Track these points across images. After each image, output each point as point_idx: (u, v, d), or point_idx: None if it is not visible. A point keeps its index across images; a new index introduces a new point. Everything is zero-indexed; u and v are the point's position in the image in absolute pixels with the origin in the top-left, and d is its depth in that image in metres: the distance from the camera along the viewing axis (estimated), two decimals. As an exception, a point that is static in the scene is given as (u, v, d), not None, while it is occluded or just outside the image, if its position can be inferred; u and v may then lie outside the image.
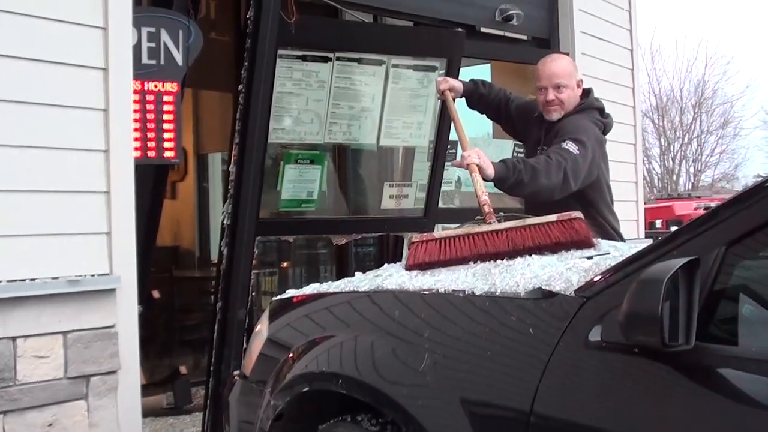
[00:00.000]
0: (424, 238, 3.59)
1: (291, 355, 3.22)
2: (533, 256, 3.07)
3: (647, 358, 2.15)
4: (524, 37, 7.29)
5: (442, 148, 6.51)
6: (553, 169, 4.28)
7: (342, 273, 7.91)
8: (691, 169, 42.42)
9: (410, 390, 2.70)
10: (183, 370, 7.11)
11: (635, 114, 8.35)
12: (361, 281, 3.28)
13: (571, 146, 4.40)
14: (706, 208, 22.39)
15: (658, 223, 22.96)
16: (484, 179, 4.18)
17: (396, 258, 6.81)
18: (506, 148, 7.19)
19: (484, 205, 3.99)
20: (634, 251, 2.56)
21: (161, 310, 7.51)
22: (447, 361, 2.65)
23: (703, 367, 2.11)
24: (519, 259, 2.86)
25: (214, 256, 8.89)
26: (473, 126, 6.44)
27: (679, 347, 2.06)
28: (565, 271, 2.56)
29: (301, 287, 3.66)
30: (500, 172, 4.21)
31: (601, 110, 4.88)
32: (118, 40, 4.50)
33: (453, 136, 6.57)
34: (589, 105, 4.83)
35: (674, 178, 41.40)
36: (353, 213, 7.13)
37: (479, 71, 7.62)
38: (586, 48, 7.49)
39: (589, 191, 4.62)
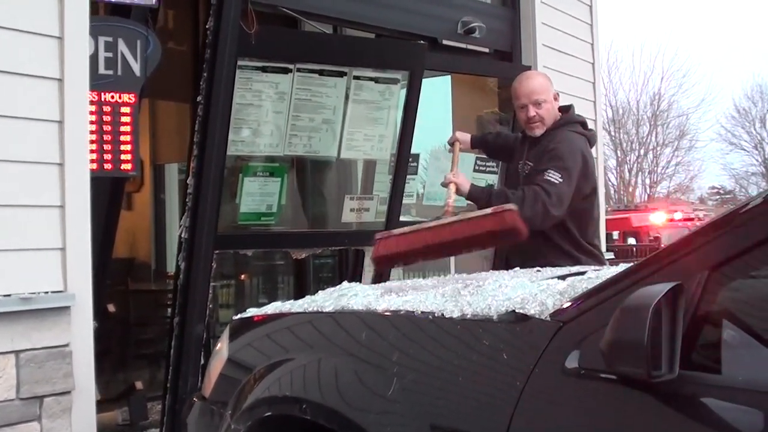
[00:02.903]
0: (384, 235, 4.37)
1: (252, 376, 3.13)
2: (504, 277, 3.01)
3: (627, 387, 2.07)
4: (486, 50, 7.28)
5: (403, 161, 6.46)
6: (528, 201, 4.53)
7: (300, 285, 7.84)
8: (647, 181, 42.80)
9: (378, 416, 2.61)
10: (139, 385, 6.97)
11: (596, 127, 8.33)
12: (325, 300, 3.18)
13: (552, 175, 4.62)
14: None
15: (615, 234, 23.08)
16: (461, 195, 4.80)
17: (356, 271, 6.75)
18: (467, 160, 7.15)
19: (447, 206, 4.57)
20: (610, 273, 2.49)
21: (116, 324, 7.38)
22: (416, 386, 2.56)
23: (686, 396, 2.03)
24: (490, 280, 2.78)
25: (170, 269, 8.76)
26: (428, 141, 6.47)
27: (663, 377, 1.98)
28: (539, 294, 2.48)
29: (259, 299, 3.60)
30: (473, 192, 4.82)
31: (582, 123, 5.07)
32: (75, 50, 4.40)
33: (414, 149, 6.56)
34: (571, 119, 5.02)
35: (630, 189, 41.71)
36: (313, 226, 7.07)
37: (439, 83, 7.61)
38: (548, 61, 7.47)
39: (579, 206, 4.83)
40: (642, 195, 41.45)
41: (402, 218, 6.77)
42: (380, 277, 6.30)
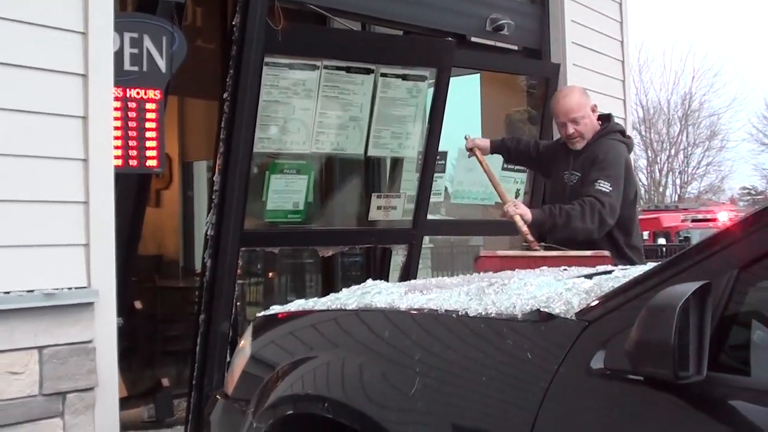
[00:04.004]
0: (488, 254, 4.70)
1: (275, 374, 3.09)
2: (529, 275, 2.96)
3: (653, 388, 2.01)
4: (515, 47, 7.22)
5: (431, 159, 6.42)
6: (587, 214, 4.81)
7: (328, 283, 7.81)
8: (678, 181, 42.50)
9: (399, 415, 2.57)
10: (165, 382, 6.97)
11: (626, 126, 8.23)
12: (348, 298, 3.14)
13: (603, 185, 4.87)
14: (693, 220, 22.09)
15: (645, 234, 22.85)
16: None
17: (383, 270, 6.71)
18: (492, 159, 7.07)
19: (527, 234, 4.90)
20: (637, 272, 2.44)
21: (143, 320, 7.37)
22: (439, 385, 2.51)
23: (714, 398, 1.98)
24: (515, 279, 2.73)
25: (198, 266, 8.77)
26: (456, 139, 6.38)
27: (690, 378, 1.93)
28: (564, 293, 2.42)
29: (287, 297, 3.57)
30: (537, 217, 4.93)
31: (622, 132, 5.30)
32: (99, 46, 4.36)
33: (442, 146, 6.51)
34: (612, 129, 5.24)
35: (661, 189, 41.43)
36: (340, 224, 7.03)
37: (469, 81, 7.54)
38: (578, 59, 7.40)
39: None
40: (672, 195, 41.14)
41: (430, 216, 6.72)
42: (407, 275, 6.26)
